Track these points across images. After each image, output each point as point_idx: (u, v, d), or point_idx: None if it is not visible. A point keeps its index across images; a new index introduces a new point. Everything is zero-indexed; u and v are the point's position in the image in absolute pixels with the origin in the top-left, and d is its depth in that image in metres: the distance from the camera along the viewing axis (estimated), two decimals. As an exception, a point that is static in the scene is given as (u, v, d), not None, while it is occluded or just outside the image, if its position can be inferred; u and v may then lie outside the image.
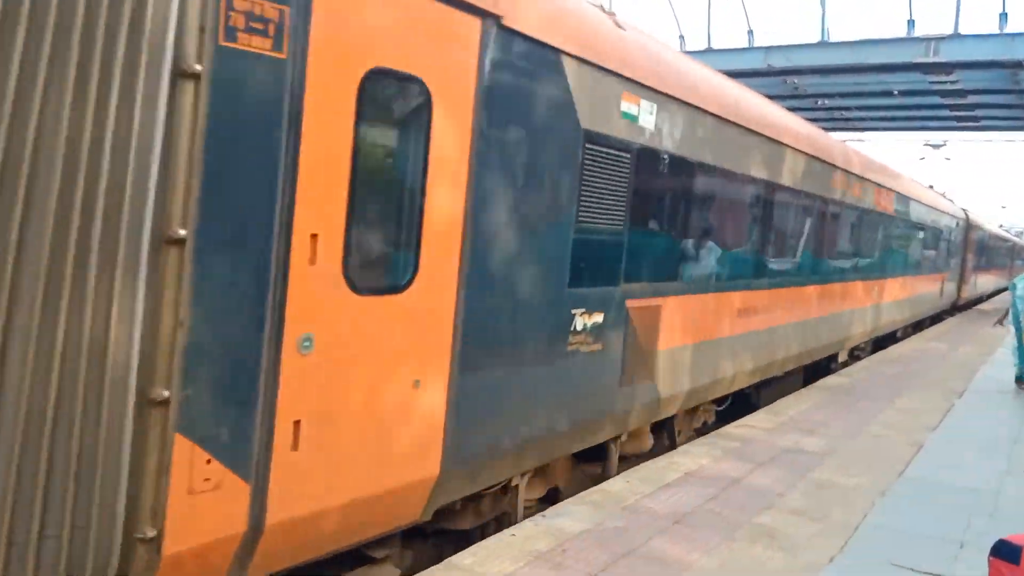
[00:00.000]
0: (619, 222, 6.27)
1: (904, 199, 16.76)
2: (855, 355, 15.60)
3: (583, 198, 5.78)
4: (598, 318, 6.08)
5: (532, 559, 4.91)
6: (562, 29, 5.39)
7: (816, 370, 13.18)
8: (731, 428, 8.85)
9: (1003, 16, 22.64)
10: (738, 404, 10.02)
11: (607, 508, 5.93)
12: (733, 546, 5.40)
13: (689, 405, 8.23)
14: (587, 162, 5.78)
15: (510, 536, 5.26)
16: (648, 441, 7.81)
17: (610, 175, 6.08)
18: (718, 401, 9.33)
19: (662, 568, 4.95)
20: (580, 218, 5.76)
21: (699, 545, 5.36)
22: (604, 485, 6.49)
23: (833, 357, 13.98)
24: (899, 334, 19.57)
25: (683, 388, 7.76)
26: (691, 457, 7.51)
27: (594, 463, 7.12)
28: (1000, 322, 18.51)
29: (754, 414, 9.71)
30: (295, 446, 3.83)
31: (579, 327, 5.88)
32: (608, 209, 6.11)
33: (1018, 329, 12.80)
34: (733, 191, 8.43)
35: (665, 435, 8.35)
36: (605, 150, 5.96)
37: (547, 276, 5.48)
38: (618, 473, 7.00)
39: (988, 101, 29.14)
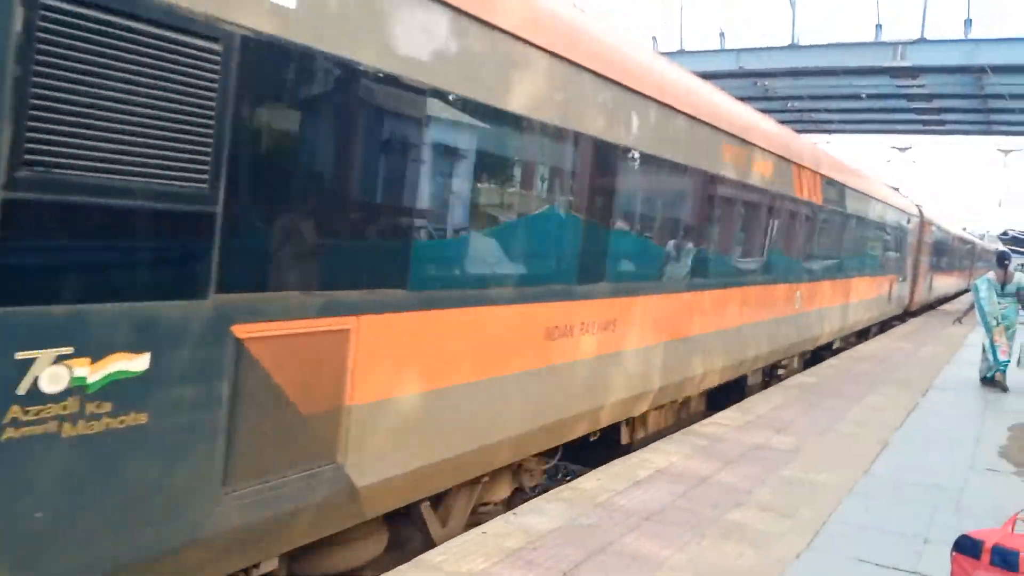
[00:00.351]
0: (196, 175, 3.41)
1: (836, 185, 14.25)
2: (776, 375, 13.24)
3: (41, 123, 2.88)
4: (127, 364, 3.23)
5: (504, 556, 4.91)
6: None
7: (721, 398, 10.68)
8: (700, 426, 8.92)
9: (968, 22, 23.13)
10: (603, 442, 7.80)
11: (579, 505, 5.94)
12: (704, 543, 5.44)
13: (450, 483, 5.45)
14: (49, 42, 2.86)
15: (481, 534, 5.25)
16: (365, 550, 5.09)
17: (151, 81, 3.21)
18: (548, 453, 6.91)
19: (634, 564, 4.98)
20: (31, 160, 2.87)
21: (671, 542, 5.40)
22: (575, 483, 6.50)
23: (742, 381, 11.39)
24: (836, 344, 17.33)
25: (429, 459, 4.97)
26: (661, 455, 7.55)
27: None
28: (959, 320, 18.92)
29: (723, 412, 9.79)
30: None
31: (48, 388, 2.96)
32: (150, 148, 3.25)
33: (987, 329, 13.05)
34: (518, 147, 5.57)
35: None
36: (125, 24, 3.08)
37: None
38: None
39: (953, 105, 29.82)
